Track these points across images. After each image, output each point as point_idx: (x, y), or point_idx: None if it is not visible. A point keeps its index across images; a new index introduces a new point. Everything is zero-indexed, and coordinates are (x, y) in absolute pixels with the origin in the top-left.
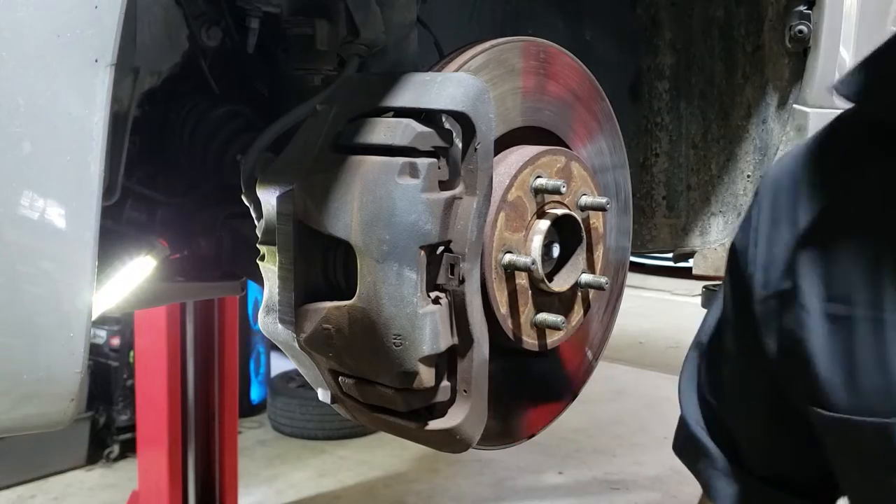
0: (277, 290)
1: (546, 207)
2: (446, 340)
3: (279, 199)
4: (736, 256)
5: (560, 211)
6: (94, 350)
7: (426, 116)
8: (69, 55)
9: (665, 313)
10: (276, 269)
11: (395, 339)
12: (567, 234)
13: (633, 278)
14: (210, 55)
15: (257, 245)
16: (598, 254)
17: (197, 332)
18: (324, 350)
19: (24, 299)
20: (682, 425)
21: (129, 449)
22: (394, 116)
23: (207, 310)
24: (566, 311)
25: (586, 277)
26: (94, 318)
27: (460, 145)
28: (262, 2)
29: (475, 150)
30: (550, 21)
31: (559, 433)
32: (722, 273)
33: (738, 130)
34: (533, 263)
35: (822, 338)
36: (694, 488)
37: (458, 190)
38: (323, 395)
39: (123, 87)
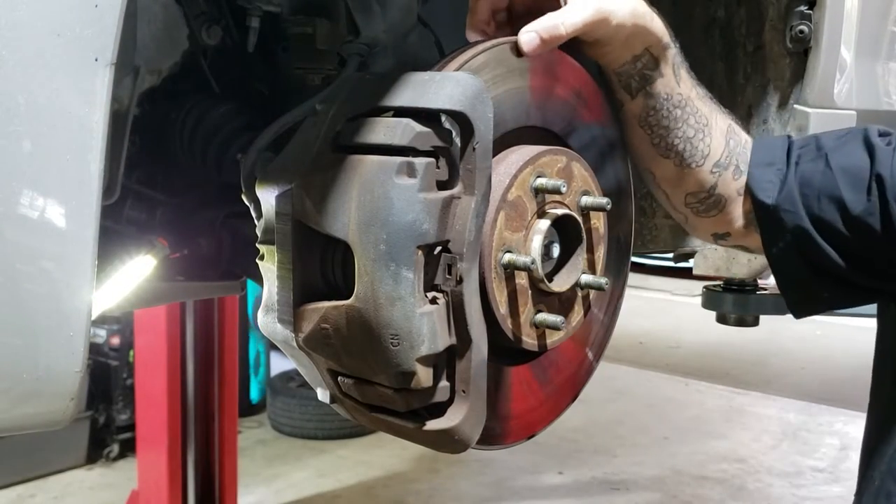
0: (276, 289)
1: (546, 207)
2: (444, 340)
3: (278, 198)
4: None
5: (560, 211)
6: (94, 349)
7: (426, 116)
8: (69, 54)
9: (665, 314)
10: (275, 268)
11: (392, 338)
12: (567, 234)
13: (633, 278)
14: (210, 54)
15: (257, 244)
16: (599, 254)
17: (197, 332)
18: (322, 350)
19: (24, 298)
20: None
21: (128, 448)
22: (393, 116)
23: (207, 309)
24: (566, 311)
25: (586, 278)
26: (93, 318)
27: (460, 145)
28: (263, 1)
29: (473, 149)
30: None
31: (559, 433)
32: (721, 273)
33: None
34: (533, 263)
35: None
36: (693, 488)
37: (457, 190)
38: (322, 394)
39: (123, 87)
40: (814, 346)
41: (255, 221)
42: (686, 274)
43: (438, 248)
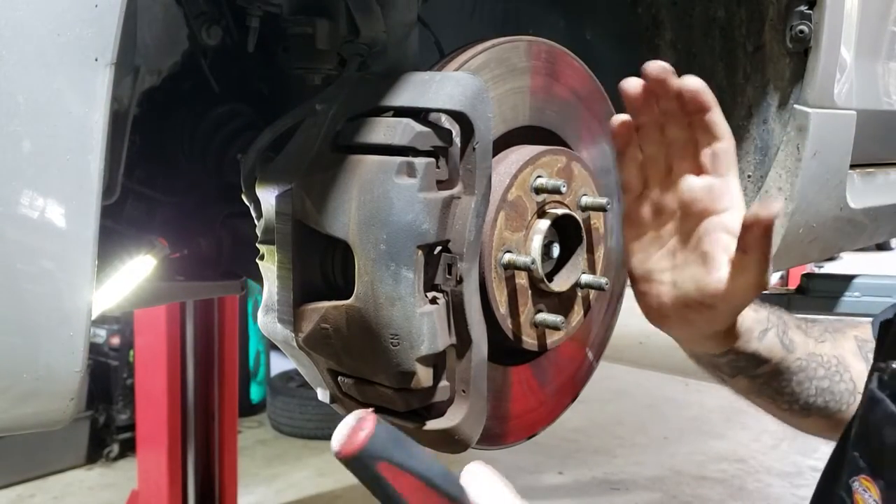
0: (276, 289)
1: (546, 207)
2: (444, 340)
3: (278, 198)
4: None
5: (560, 211)
6: (94, 349)
7: (425, 116)
8: (69, 54)
9: None
10: (275, 268)
11: (392, 338)
12: (567, 234)
13: None
14: (210, 54)
15: (257, 244)
16: (599, 254)
17: (197, 332)
18: (322, 349)
19: (24, 298)
20: None
21: (128, 448)
22: (393, 116)
23: (207, 309)
24: (566, 311)
25: (586, 278)
26: (94, 317)
27: (460, 144)
28: (263, 1)
29: (473, 149)
30: (551, 20)
31: (559, 433)
32: None
33: (739, 130)
34: (533, 263)
35: None
36: (693, 488)
37: (457, 189)
38: (322, 394)
39: (123, 87)
40: None
41: (255, 221)
42: None
43: (438, 248)
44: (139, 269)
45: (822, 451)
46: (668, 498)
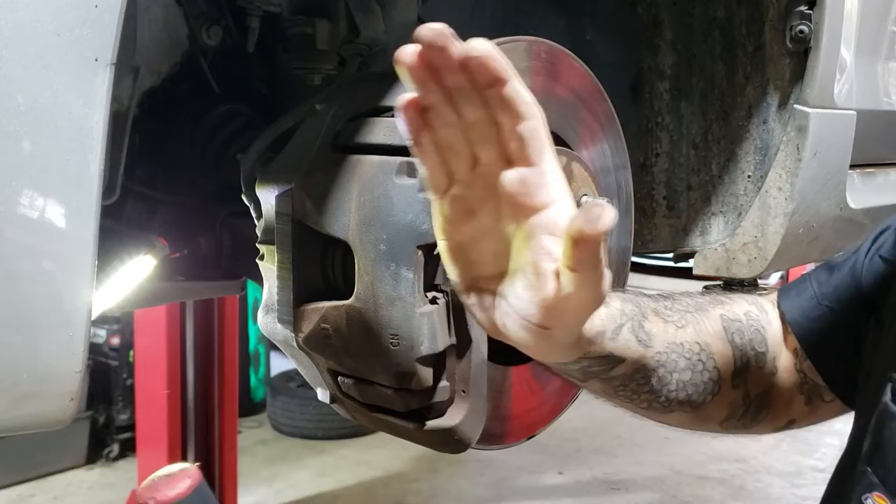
0: (276, 289)
1: None
2: (444, 340)
3: (278, 198)
4: None
5: None
6: (94, 349)
7: None
8: (69, 54)
9: None
10: (275, 268)
11: (392, 338)
12: None
13: (633, 278)
14: (210, 54)
15: (257, 244)
16: None
17: (197, 332)
18: (322, 350)
19: (24, 298)
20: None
21: (128, 448)
22: (393, 116)
23: (207, 309)
24: None
25: None
26: (93, 318)
27: None
28: (263, 1)
29: None
30: (551, 21)
31: (559, 433)
32: (721, 273)
33: (739, 130)
34: None
35: None
36: (693, 488)
37: None
38: (322, 394)
39: (123, 87)
40: None
41: (255, 221)
42: (686, 274)
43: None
44: (139, 269)
45: (822, 451)
46: (668, 498)
